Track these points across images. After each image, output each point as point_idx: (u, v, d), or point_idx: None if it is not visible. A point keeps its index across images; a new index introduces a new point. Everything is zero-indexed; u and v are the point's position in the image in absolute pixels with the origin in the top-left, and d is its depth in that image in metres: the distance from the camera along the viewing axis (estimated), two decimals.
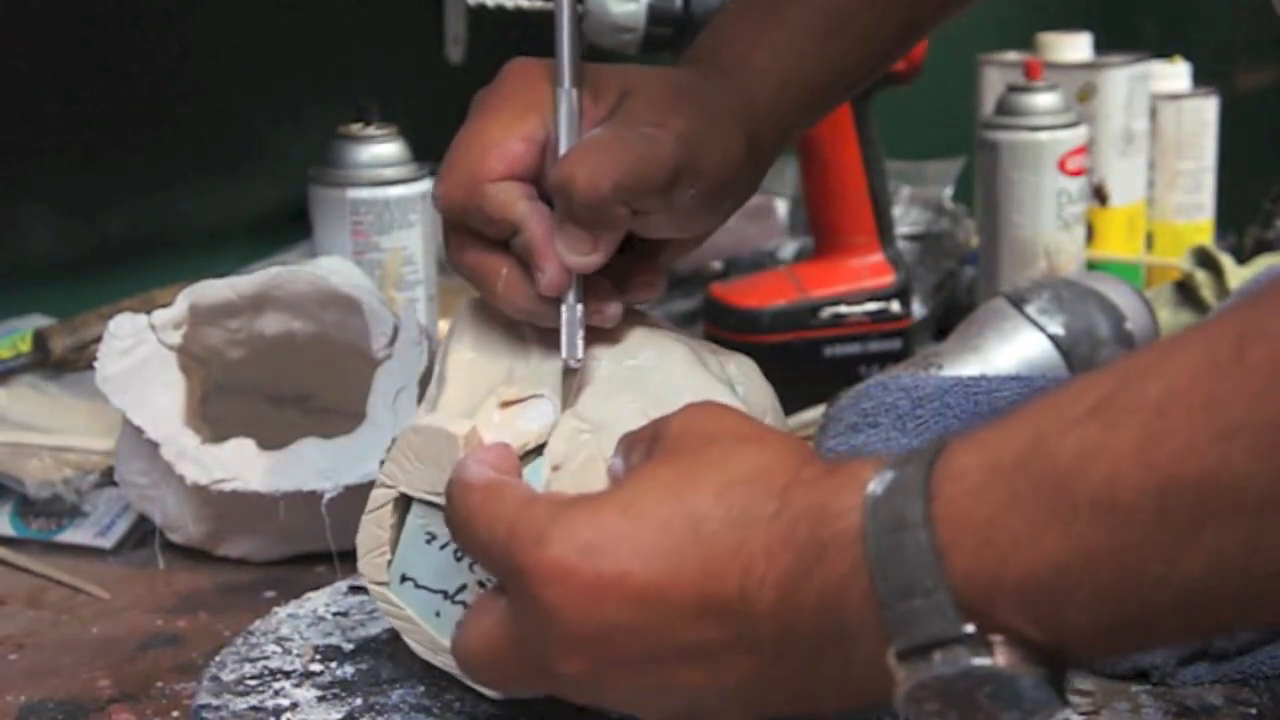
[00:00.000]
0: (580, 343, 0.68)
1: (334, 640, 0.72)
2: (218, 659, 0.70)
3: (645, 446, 0.58)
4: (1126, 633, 0.48)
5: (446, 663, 0.66)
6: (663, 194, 0.68)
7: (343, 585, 0.77)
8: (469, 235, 0.69)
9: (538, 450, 0.65)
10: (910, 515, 0.48)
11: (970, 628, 0.47)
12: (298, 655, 0.70)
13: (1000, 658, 0.47)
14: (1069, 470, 0.46)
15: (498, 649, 0.57)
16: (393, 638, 0.68)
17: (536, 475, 0.63)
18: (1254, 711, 0.66)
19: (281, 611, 0.74)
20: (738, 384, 0.72)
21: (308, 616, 0.74)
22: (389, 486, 0.65)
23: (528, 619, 0.54)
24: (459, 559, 0.64)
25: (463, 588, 0.65)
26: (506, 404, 0.66)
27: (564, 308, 0.68)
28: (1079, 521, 0.46)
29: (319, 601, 0.75)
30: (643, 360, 0.69)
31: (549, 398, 0.66)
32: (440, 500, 0.63)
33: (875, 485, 0.50)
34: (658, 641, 0.52)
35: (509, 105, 0.70)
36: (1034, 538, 0.46)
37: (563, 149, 0.68)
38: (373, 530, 0.65)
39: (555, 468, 0.63)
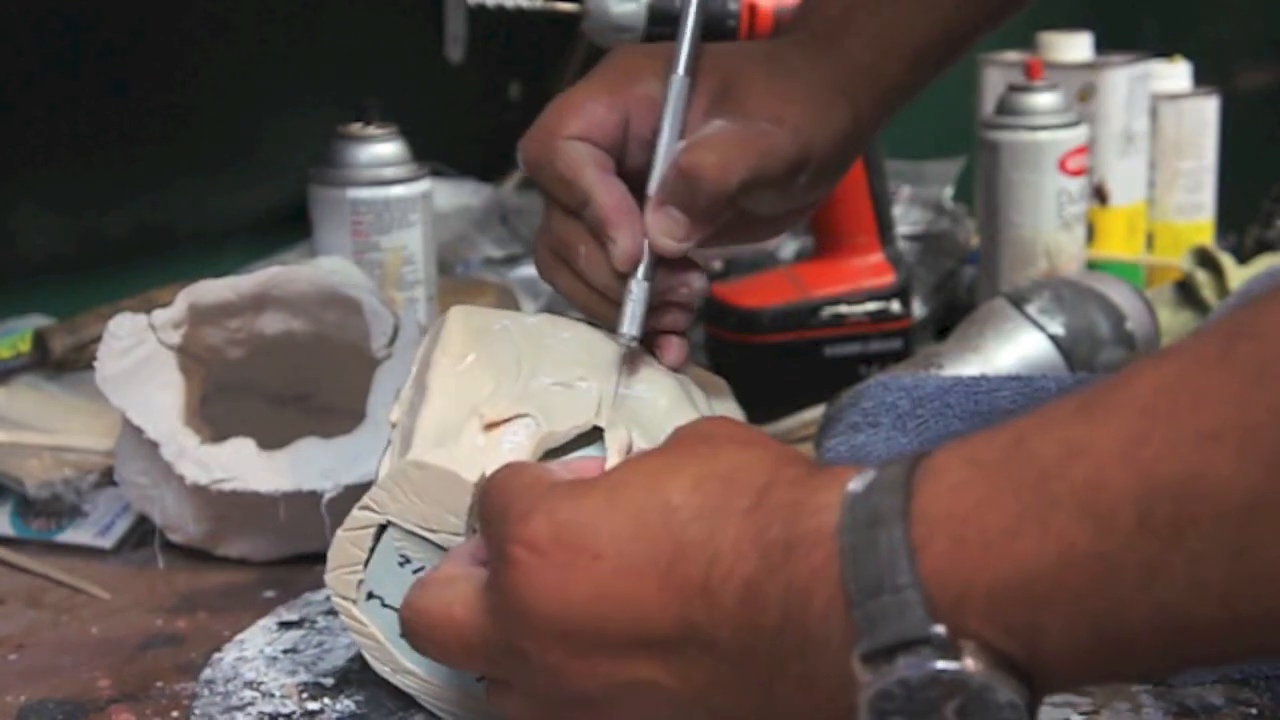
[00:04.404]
0: (641, 320, 0.68)
1: (304, 677, 0.70)
2: (198, 712, 0.68)
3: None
4: (1102, 655, 0.45)
5: (406, 683, 0.66)
6: (779, 186, 0.69)
7: (269, 623, 0.76)
8: (557, 207, 0.70)
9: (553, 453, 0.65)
10: (886, 510, 0.47)
11: (939, 629, 0.45)
12: (284, 697, 0.69)
13: (969, 663, 0.45)
14: (1049, 467, 0.45)
15: (462, 618, 0.56)
16: (365, 666, 0.67)
17: None
18: (1254, 711, 0.66)
19: (226, 657, 0.73)
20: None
21: (258, 658, 0.72)
22: (375, 512, 0.64)
23: (500, 590, 0.54)
24: None
25: None
26: (491, 425, 0.65)
27: (633, 283, 0.68)
28: (1057, 521, 0.44)
29: (259, 643, 0.74)
30: (636, 391, 0.69)
31: (533, 416, 0.65)
32: (430, 535, 0.63)
33: (856, 484, 0.49)
34: (619, 630, 0.51)
35: (601, 78, 0.71)
36: (1010, 537, 0.45)
37: (667, 132, 0.69)
38: (348, 548, 0.65)
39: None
